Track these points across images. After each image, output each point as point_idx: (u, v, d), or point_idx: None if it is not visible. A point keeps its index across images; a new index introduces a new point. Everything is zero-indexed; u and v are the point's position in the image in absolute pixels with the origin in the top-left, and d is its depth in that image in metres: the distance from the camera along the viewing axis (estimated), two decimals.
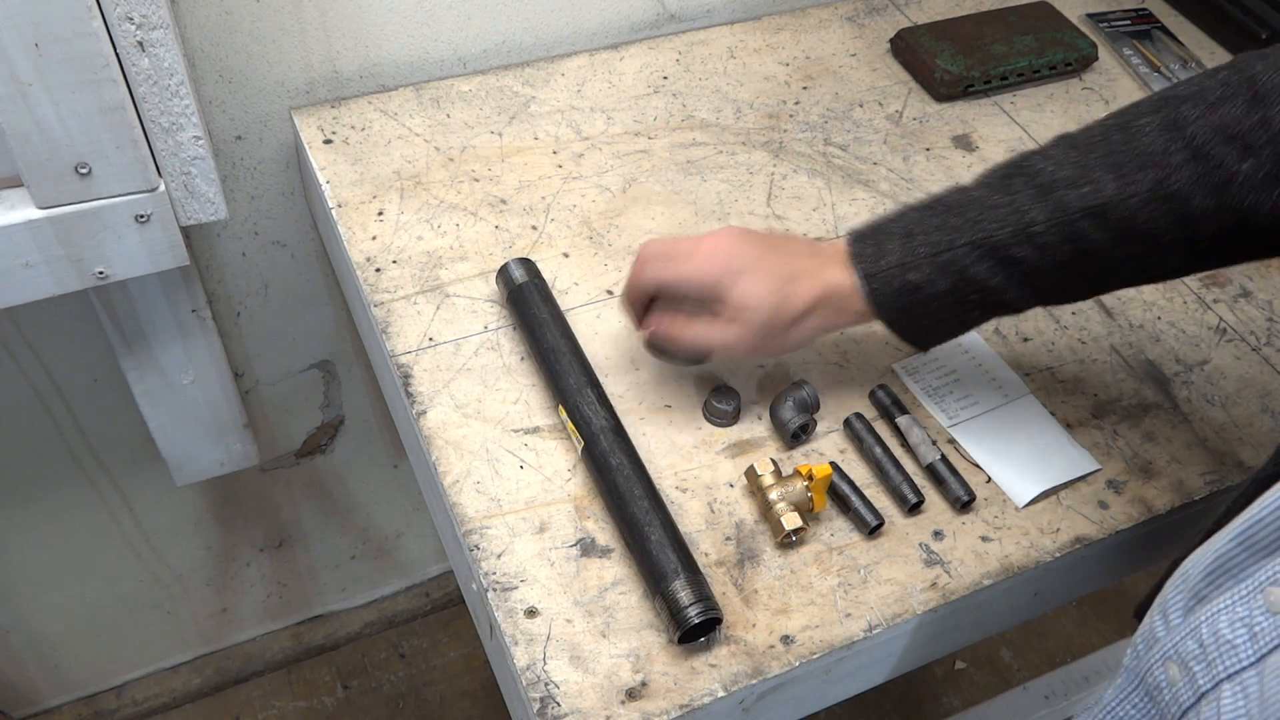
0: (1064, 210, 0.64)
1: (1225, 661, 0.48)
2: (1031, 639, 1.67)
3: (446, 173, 0.90)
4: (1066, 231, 0.64)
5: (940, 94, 1.02)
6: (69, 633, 1.36)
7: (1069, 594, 0.77)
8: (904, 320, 0.69)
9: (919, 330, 0.70)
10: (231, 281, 1.06)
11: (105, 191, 0.78)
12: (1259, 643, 0.46)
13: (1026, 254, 0.65)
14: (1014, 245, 0.65)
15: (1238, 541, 0.51)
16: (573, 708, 0.60)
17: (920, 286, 0.67)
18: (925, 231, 0.67)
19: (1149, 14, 1.16)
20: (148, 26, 0.71)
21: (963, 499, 0.71)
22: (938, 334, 0.71)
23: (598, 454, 0.69)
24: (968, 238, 0.66)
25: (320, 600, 1.56)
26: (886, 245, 0.68)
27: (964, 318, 0.69)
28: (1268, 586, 0.46)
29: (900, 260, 0.67)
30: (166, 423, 1.04)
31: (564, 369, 0.73)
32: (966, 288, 0.67)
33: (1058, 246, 0.65)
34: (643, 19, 1.06)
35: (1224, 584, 0.51)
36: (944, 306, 0.68)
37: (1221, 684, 0.48)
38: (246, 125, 0.95)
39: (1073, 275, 0.67)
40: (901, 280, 0.67)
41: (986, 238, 0.65)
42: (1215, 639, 0.49)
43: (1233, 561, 0.51)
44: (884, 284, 0.67)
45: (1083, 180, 0.64)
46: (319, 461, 1.32)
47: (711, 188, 0.91)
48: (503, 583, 0.65)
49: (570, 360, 0.73)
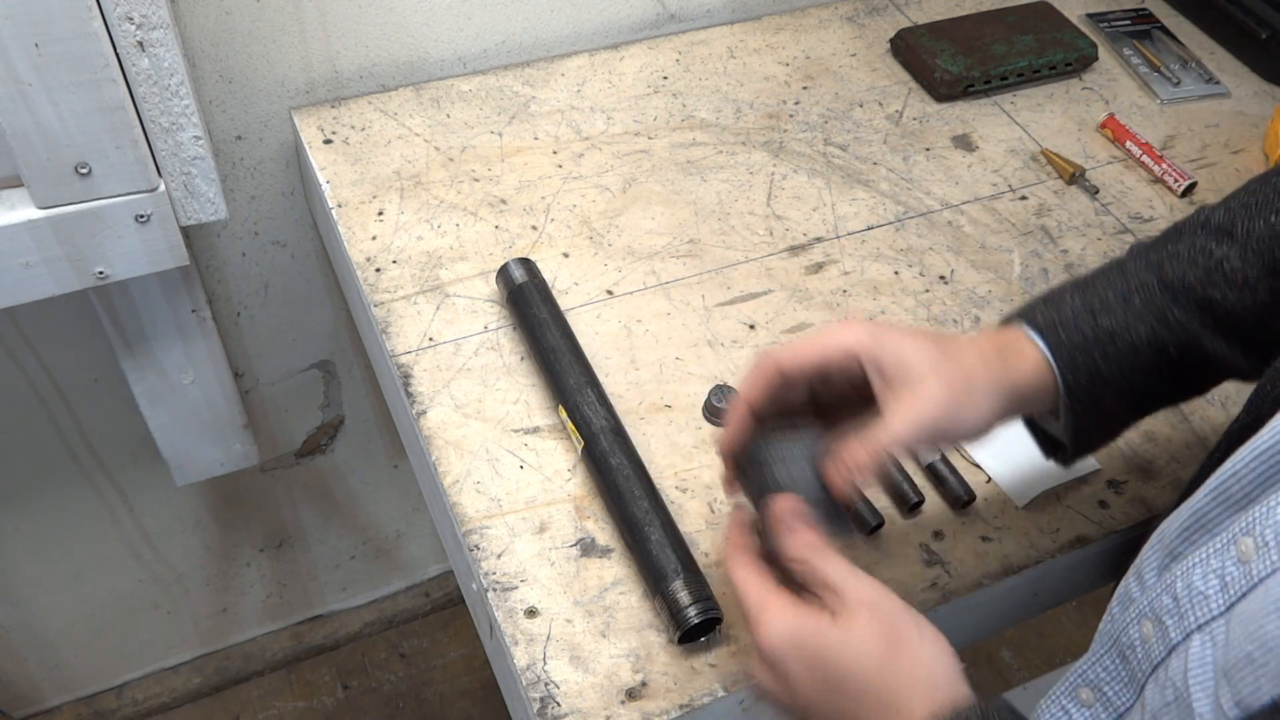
0: (1255, 238, 0.58)
1: (1196, 613, 0.47)
2: (1031, 639, 1.67)
3: (446, 173, 0.90)
4: (1262, 264, 0.57)
5: (940, 94, 1.02)
6: (69, 633, 1.36)
7: (1069, 594, 0.77)
8: (1091, 389, 0.58)
9: (1096, 409, 0.59)
10: (231, 281, 1.06)
11: (105, 191, 0.78)
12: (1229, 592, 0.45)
13: (1224, 295, 0.58)
14: (1208, 284, 0.58)
15: (1212, 496, 0.49)
16: (573, 708, 0.60)
17: (1116, 333, 0.57)
18: (1104, 280, 0.59)
19: (1149, 14, 1.16)
20: (148, 26, 0.71)
21: (963, 499, 0.71)
22: (1113, 419, 0.61)
23: (598, 454, 0.69)
24: (1156, 277, 0.58)
25: (320, 600, 1.56)
26: (1061, 297, 0.59)
27: (1153, 387, 0.60)
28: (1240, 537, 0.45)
29: (1086, 306, 0.58)
30: (166, 423, 1.04)
31: (564, 369, 0.73)
32: (1167, 336, 0.58)
33: (1255, 284, 0.58)
34: (643, 19, 1.06)
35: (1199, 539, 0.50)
36: (1139, 366, 0.58)
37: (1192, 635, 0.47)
38: (246, 125, 0.95)
39: (1271, 324, 0.59)
40: (1094, 326, 0.57)
41: (1178, 278, 0.58)
42: (1189, 592, 0.48)
43: (1208, 516, 0.50)
44: (1073, 333, 0.57)
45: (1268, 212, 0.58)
46: (319, 461, 1.32)
47: (711, 188, 0.91)
48: (503, 583, 0.65)
49: (570, 360, 0.73)
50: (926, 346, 0.55)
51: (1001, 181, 0.95)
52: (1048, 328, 0.58)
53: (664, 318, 0.81)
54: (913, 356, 0.55)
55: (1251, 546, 0.45)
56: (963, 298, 0.85)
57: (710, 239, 0.87)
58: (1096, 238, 0.91)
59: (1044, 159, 0.98)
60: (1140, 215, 0.94)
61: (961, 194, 0.93)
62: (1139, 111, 1.04)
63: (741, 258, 0.86)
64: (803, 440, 0.56)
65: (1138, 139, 0.98)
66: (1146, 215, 0.94)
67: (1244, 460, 0.48)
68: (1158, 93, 1.06)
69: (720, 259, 0.86)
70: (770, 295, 0.83)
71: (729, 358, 0.79)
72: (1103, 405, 0.59)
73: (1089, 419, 0.60)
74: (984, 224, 0.91)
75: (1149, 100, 1.05)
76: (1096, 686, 0.55)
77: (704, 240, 0.87)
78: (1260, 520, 0.44)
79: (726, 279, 0.84)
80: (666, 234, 0.87)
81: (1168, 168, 0.96)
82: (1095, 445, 0.63)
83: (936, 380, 0.54)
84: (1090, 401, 0.59)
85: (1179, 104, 1.05)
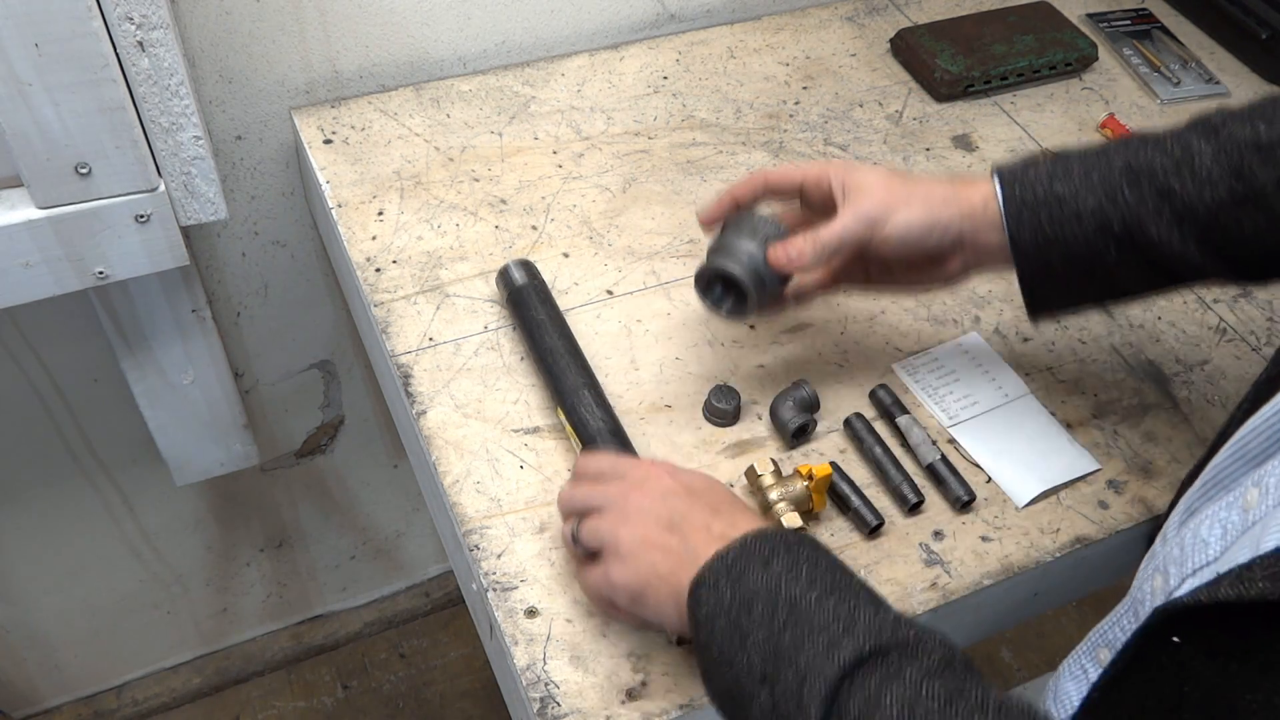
0: (1233, 143, 0.61)
1: (1195, 559, 0.49)
2: (1031, 639, 1.67)
3: (446, 173, 0.90)
4: (1231, 164, 0.61)
5: (940, 94, 1.02)
6: (69, 633, 1.36)
7: (1069, 594, 0.77)
8: (1035, 244, 0.64)
9: (1044, 266, 0.65)
10: (231, 281, 1.06)
11: (105, 191, 0.78)
12: (1228, 538, 0.47)
13: (1184, 186, 0.61)
14: (1172, 175, 0.62)
15: (1232, 453, 0.51)
16: (573, 708, 0.60)
17: (1064, 199, 0.63)
18: (1081, 156, 0.64)
19: (1149, 14, 1.16)
20: (148, 26, 0.71)
21: (963, 499, 0.71)
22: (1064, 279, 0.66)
23: None
24: (1124, 160, 0.63)
25: (320, 600, 1.56)
26: (1035, 161, 0.66)
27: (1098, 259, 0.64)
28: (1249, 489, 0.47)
29: (1049, 172, 0.64)
30: (166, 423, 1.04)
31: (561, 370, 0.73)
32: (1113, 211, 0.63)
33: (1218, 182, 0.61)
34: (643, 19, 1.06)
35: (1215, 495, 0.52)
36: (1083, 235, 0.63)
37: (1186, 580, 0.48)
38: (246, 125, 0.95)
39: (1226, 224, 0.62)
40: (1047, 190, 0.64)
41: (1146, 163, 0.63)
42: (1195, 540, 0.49)
43: (1226, 473, 0.52)
44: (1026, 190, 0.64)
45: (1257, 119, 0.61)
46: (319, 461, 1.32)
47: (711, 188, 0.91)
48: (503, 583, 0.65)
49: (568, 362, 0.73)
50: (887, 175, 0.67)
51: None
52: (1008, 180, 0.65)
53: (664, 318, 0.81)
54: (871, 179, 0.67)
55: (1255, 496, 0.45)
56: (963, 297, 0.85)
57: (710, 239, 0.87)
58: None
59: None
60: None
61: None
62: (1139, 111, 1.04)
63: None
64: (764, 220, 0.69)
65: None
66: None
67: (1263, 417, 0.50)
68: (1158, 93, 1.06)
69: None
70: None
71: (729, 358, 0.79)
72: (1051, 266, 0.65)
73: (1040, 277, 0.66)
74: None
75: (1149, 100, 1.05)
76: (1114, 646, 0.55)
77: (704, 240, 0.87)
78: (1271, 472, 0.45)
79: None
80: (666, 234, 0.87)
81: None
82: (1055, 307, 0.69)
83: (880, 189, 0.66)
84: (1038, 258, 0.65)
85: (1179, 104, 1.05)
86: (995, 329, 0.83)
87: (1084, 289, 0.67)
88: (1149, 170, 0.62)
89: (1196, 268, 0.64)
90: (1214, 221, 0.62)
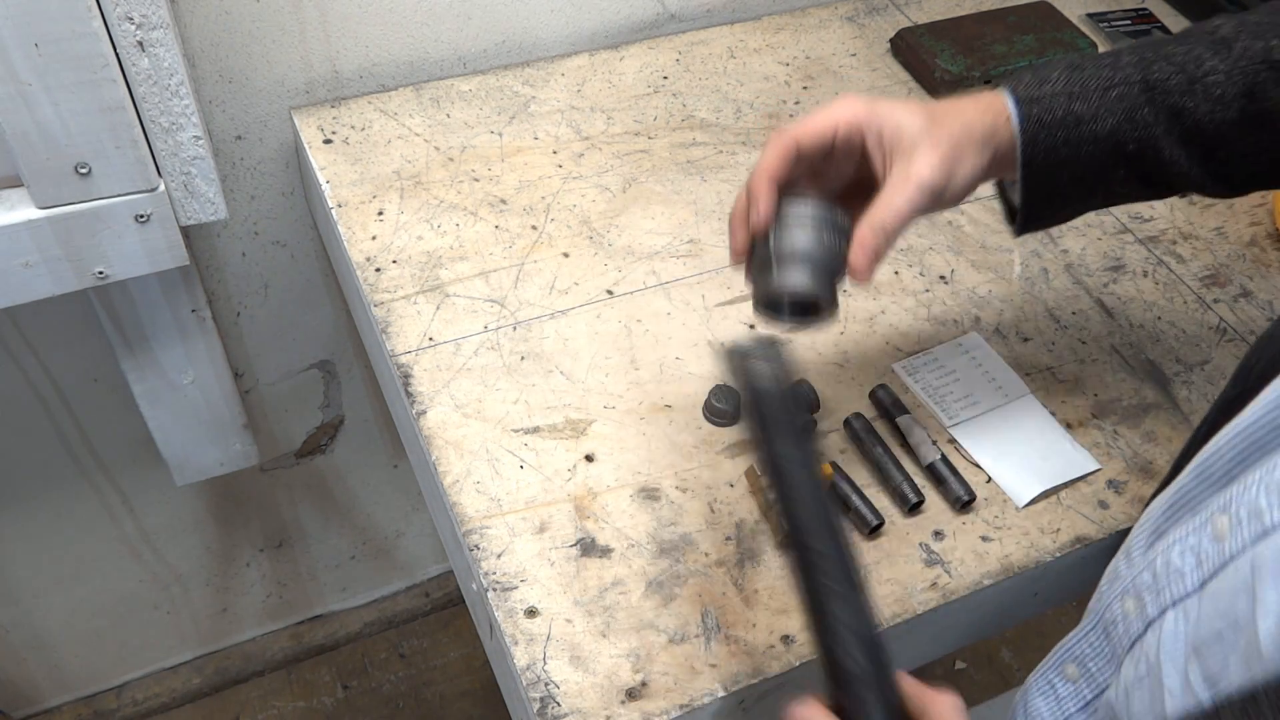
0: (1247, 59, 0.59)
1: (1173, 589, 0.48)
2: (1031, 639, 1.66)
3: (446, 172, 0.90)
4: (1244, 83, 0.59)
5: (940, 94, 1.02)
6: (69, 633, 1.36)
7: (1069, 594, 0.77)
8: (1047, 166, 0.61)
9: (1051, 187, 0.62)
10: (231, 281, 1.06)
11: (105, 191, 0.78)
12: (1204, 569, 0.46)
13: (1196, 105, 0.60)
14: (1185, 93, 0.60)
15: (1195, 475, 0.50)
16: (573, 708, 0.60)
17: (1083, 120, 0.60)
18: (1096, 67, 0.61)
19: (1149, 14, 1.16)
20: (148, 26, 0.71)
21: (963, 499, 0.71)
22: (1064, 200, 0.64)
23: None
24: (1141, 75, 0.60)
25: (320, 600, 1.56)
26: (1050, 74, 0.62)
27: (1104, 176, 0.62)
28: (1216, 515, 0.46)
29: (1066, 89, 0.61)
30: (166, 423, 1.04)
31: (812, 560, 0.51)
32: (1129, 132, 0.60)
33: (1230, 102, 0.59)
34: (643, 19, 1.06)
35: (1181, 517, 0.51)
36: (1097, 155, 0.61)
37: (1167, 611, 0.48)
38: (246, 125, 0.95)
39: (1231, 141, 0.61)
40: (1066, 109, 0.60)
41: (1160, 79, 0.60)
42: (1167, 568, 0.48)
43: (1191, 495, 0.51)
44: (1045, 110, 0.60)
45: (1270, 34, 0.59)
46: (319, 461, 1.32)
47: (711, 188, 0.91)
48: (503, 583, 0.65)
49: (826, 546, 0.51)
50: (919, 115, 0.59)
51: None
52: (1024, 100, 0.61)
53: (664, 318, 0.81)
54: (908, 125, 0.58)
55: (1226, 525, 0.45)
56: (963, 298, 0.85)
57: (710, 239, 0.87)
58: (1096, 237, 0.91)
59: None
60: (1140, 215, 0.94)
61: None
62: None
63: None
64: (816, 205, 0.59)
65: None
66: (1146, 215, 0.94)
67: (1225, 438, 0.49)
68: None
69: (720, 259, 0.86)
70: None
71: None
72: (1056, 185, 0.62)
73: (1042, 195, 0.63)
74: (984, 224, 0.91)
75: None
76: (1081, 662, 0.55)
77: (704, 240, 0.87)
78: (1236, 498, 0.45)
79: (726, 279, 0.84)
80: (666, 234, 0.87)
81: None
82: (1046, 222, 0.66)
83: (930, 147, 0.58)
84: (1045, 178, 0.62)
85: None
86: (995, 329, 0.83)
87: (1079, 203, 0.66)
88: (1163, 87, 0.60)
89: (1193, 183, 0.63)
90: (1220, 139, 0.61)
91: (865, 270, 0.58)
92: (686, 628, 0.64)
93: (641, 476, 0.71)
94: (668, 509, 0.70)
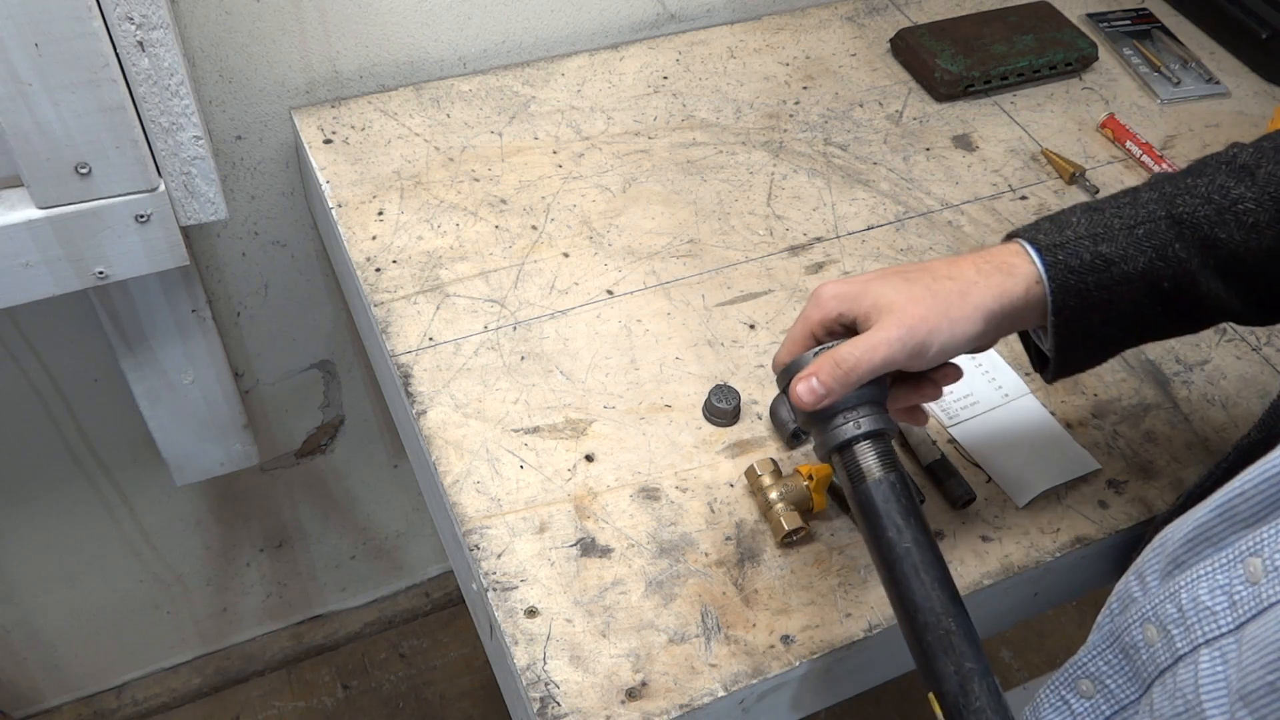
0: (1275, 183, 0.58)
1: (1204, 627, 0.48)
2: (1031, 639, 1.67)
3: (446, 173, 0.90)
4: (1276, 209, 0.57)
5: (940, 94, 1.02)
6: (69, 633, 1.36)
7: (1069, 594, 0.77)
8: (1080, 311, 0.59)
9: (1084, 332, 0.60)
10: (231, 281, 1.06)
11: (105, 191, 0.78)
12: (1238, 611, 0.47)
13: (1230, 235, 0.58)
14: (1216, 224, 0.58)
15: (1219, 512, 0.51)
16: (573, 707, 0.60)
17: (1113, 262, 0.57)
18: (1116, 209, 0.59)
19: (1149, 14, 1.16)
20: (148, 26, 0.71)
21: (963, 499, 0.71)
22: (1099, 343, 0.62)
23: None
24: (1166, 211, 0.58)
25: (320, 600, 1.56)
26: (1068, 219, 0.59)
27: (1139, 316, 0.60)
28: (1248, 557, 0.47)
29: (1090, 231, 0.58)
30: (166, 423, 1.04)
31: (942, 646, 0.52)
32: (1164, 270, 0.58)
33: (1265, 228, 0.57)
34: (643, 19, 1.06)
35: (1204, 552, 0.51)
36: (1131, 296, 0.58)
37: (1199, 648, 0.48)
38: (246, 125, 0.95)
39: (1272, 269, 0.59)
40: (1093, 252, 0.57)
41: (1189, 213, 0.58)
42: (1194, 605, 0.49)
43: (1213, 531, 0.51)
44: (1072, 256, 0.57)
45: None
46: (319, 461, 1.32)
47: (711, 188, 0.91)
48: (503, 583, 0.65)
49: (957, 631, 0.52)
50: (903, 284, 0.58)
51: (1001, 181, 0.95)
52: (1047, 248, 0.58)
53: (664, 318, 0.81)
54: (891, 295, 0.57)
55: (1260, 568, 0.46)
56: None
57: (710, 239, 0.87)
58: None
59: (1044, 159, 0.98)
60: None
61: (961, 194, 0.93)
62: (1139, 111, 1.04)
63: (742, 257, 0.86)
64: None
65: (1138, 139, 0.98)
66: None
67: (1252, 481, 0.49)
68: (1158, 93, 1.06)
69: (720, 259, 0.86)
70: (770, 295, 0.83)
71: (729, 358, 0.79)
72: (1090, 329, 0.60)
73: (1075, 340, 0.60)
74: (984, 224, 0.91)
75: (1149, 100, 1.05)
76: (1098, 679, 0.56)
77: (704, 240, 0.87)
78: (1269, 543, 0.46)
79: (727, 279, 0.84)
80: (666, 234, 0.87)
81: (1168, 168, 0.96)
82: (1080, 367, 0.63)
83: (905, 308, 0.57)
84: (1078, 324, 0.59)
85: (1179, 104, 1.05)
86: None
87: (1113, 347, 0.63)
88: (1191, 220, 0.58)
89: (1233, 313, 0.62)
90: (1259, 268, 0.59)
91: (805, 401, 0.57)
92: (686, 628, 0.64)
93: (641, 476, 0.71)
94: (668, 509, 0.70)
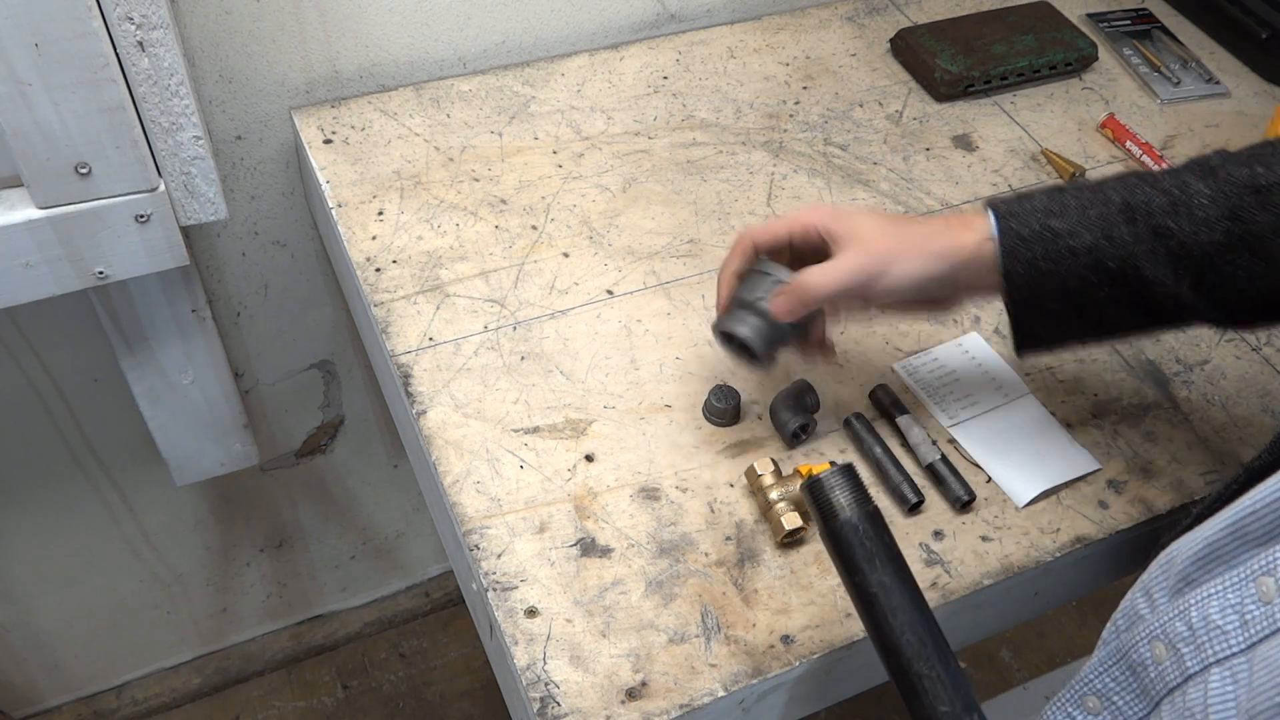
0: (1231, 184, 0.61)
1: (1215, 646, 0.48)
2: (1031, 639, 1.67)
3: (446, 173, 0.90)
4: (1229, 205, 0.60)
5: (940, 94, 1.02)
6: (69, 633, 1.36)
7: (1069, 594, 0.77)
8: (1029, 279, 0.63)
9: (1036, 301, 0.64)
10: (231, 281, 1.06)
11: (105, 191, 0.78)
12: (1250, 630, 0.47)
13: (1180, 225, 0.61)
14: (1169, 214, 0.61)
15: (1229, 531, 0.51)
16: (573, 707, 0.60)
17: (1060, 235, 0.62)
18: (1077, 191, 0.64)
19: (1149, 14, 1.16)
20: (148, 26, 0.71)
21: (963, 499, 0.71)
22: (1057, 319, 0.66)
23: None
24: (1121, 197, 0.63)
25: (320, 600, 1.56)
26: (1030, 195, 0.65)
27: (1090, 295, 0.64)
28: (1260, 576, 0.47)
29: (1045, 206, 0.63)
30: (166, 423, 1.04)
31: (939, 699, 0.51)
32: (1108, 249, 0.62)
33: (1215, 223, 0.60)
34: (643, 19, 1.06)
35: (1214, 570, 0.51)
36: (1077, 271, 0.63)
37: (1210, 667, 0.48)
38: (246, 125, 0.95)
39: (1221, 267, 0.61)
40: (1043, 224, 0.63)
41: (1143, 201, 0.62)
42: (1205, 624, 0.49)
43: (1223, 549, 0.51)
44: (1021, 224, 0.63)
45: (1255, 162, 0.61)
46: (319, 461, 1.32)
47: (711, 188, 0.91)
48: (503, 583, 0.65)
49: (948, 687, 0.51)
50: (879, 222, 0.66)
51: (1002, 181, 0.95)
52: (1004, 214, 0.64)
53: (664, 318, 0.81)
54: (861, 226, 0.66)
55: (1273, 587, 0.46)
56: None
57: (710, 239, 0.87)
58: None
59: (1044, 159, 0.98)
60: None
61: (961, 194, 0.93)
62: (1139, 111, 1.04)
63: None
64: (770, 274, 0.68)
65: (1138, 139, 0.98)
66: None
67: (1264, 500, 0.49)
68: (1158, 93, 1.06)
69: (721, 259, 0.85)
70: None
71: (729, 358, 0.79)
72: (1043, 301, 0.64)
73: (1031, 312, 0.65)
74: None
75: (1149, 100, 1.05)
76: (1105, 696, 0.56)
77: (704, 240, 0.87)
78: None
79: None
80: (666, 234, 0.87)
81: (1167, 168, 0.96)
82: (1042, 342, 0.68)
83: (875, 238, 0.65)
84: (1030, 293, 0.64)
85: (1179, 104, 1.05)
86: (995, 329, 0.83)
87: (1073, 325, 0.67)
88: (1145, 209, 0.62)
89: (1188, 308, 0.64)
90: (1209, 263, 0.61)
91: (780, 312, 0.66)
92: (686, 628, 0.64)
93: (641, 476, 0.71)
94: (668, 509, 0.70)
